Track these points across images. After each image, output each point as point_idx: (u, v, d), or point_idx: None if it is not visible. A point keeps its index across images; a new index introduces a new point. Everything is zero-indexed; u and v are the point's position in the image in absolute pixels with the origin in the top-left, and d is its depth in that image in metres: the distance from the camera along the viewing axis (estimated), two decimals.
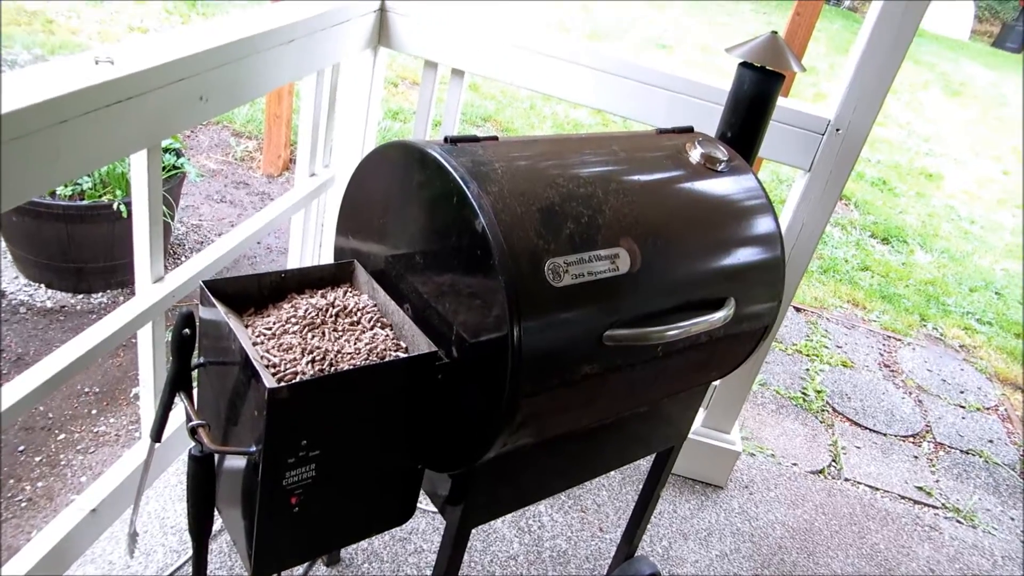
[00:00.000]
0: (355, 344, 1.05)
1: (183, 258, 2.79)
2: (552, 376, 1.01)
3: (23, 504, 1.80)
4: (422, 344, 1.05)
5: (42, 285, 2.44)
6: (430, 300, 1.08)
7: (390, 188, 1.14)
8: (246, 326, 1.06)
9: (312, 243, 2.11)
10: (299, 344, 1.01)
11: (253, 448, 0.94)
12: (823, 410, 2.65)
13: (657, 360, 1.13)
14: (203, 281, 1.03)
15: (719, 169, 1.26)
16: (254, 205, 3.33)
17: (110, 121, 1.15)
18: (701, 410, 2.06)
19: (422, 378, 1.03)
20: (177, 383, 1.00)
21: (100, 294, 2.48)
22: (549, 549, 1.81)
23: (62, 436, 2.00)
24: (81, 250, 2.38)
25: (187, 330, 0.96)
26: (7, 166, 0.99)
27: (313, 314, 1.07)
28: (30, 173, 1.04)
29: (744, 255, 1.23)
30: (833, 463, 2.39)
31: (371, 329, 1.09)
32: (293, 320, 1.05)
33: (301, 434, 0.95)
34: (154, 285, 1.33)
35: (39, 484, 1.85)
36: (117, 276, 2.49)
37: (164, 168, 2.54)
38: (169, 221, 2.52)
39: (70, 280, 2.43)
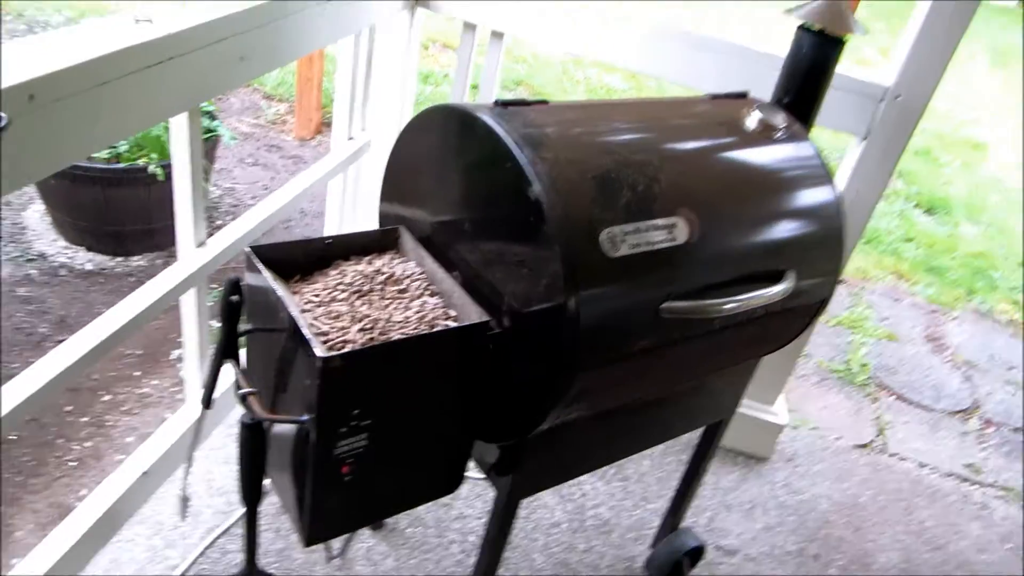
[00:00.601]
0: (404, 312, 1.03)
1: (218, 221, 2.79)
2: (608, 349, 0.98)
3: (72, 464, 1.82)
4: (472, 313, 1.02)
5: (82, 248, 2.45)
6: (479, 268, 1.05)
7: (437, 153, 1.11)
8: (293, 293, 1.04)
9: (350, 207, 2.09)
10: (348, 312, 0.99)
11: (305, 417, 0.93)
12: (867, 383, 2.59)
13: (713, 334, 1.10)
14: (250, 247, 1.01)
15: (777, 137, 1.21)
16: (287, 168, 3.32)
17: (151, 83, 1.13)
18: None
19: (473, 348, 1.00)
20: (226, 350, 0.99)
21: (139, 257, 2.49)
22: (592, 518, 1.80)
23: (107, 397, 2.02)
24: (118, 213, 2.38)
25: (235, 296, 0.95)
26: (47, 130, 0.98)
27: (361, 281, 1.05)
28: (71, 137, 1.03)
29: (803, 227, 1.18)
30: (878, 437, 2.35)
31: (419, 297, 1.06)
32: (341, 287, 1.03)
33: (353, 404, 0.93)
34: (197, 250, 1.31)
35: (87, 444, 1.87)
36: (155, 239, 2.49)
37: None
38: (205, 185, 2.51)
39: (108, 243, 2.44)
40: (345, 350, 0.91)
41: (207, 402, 1.02)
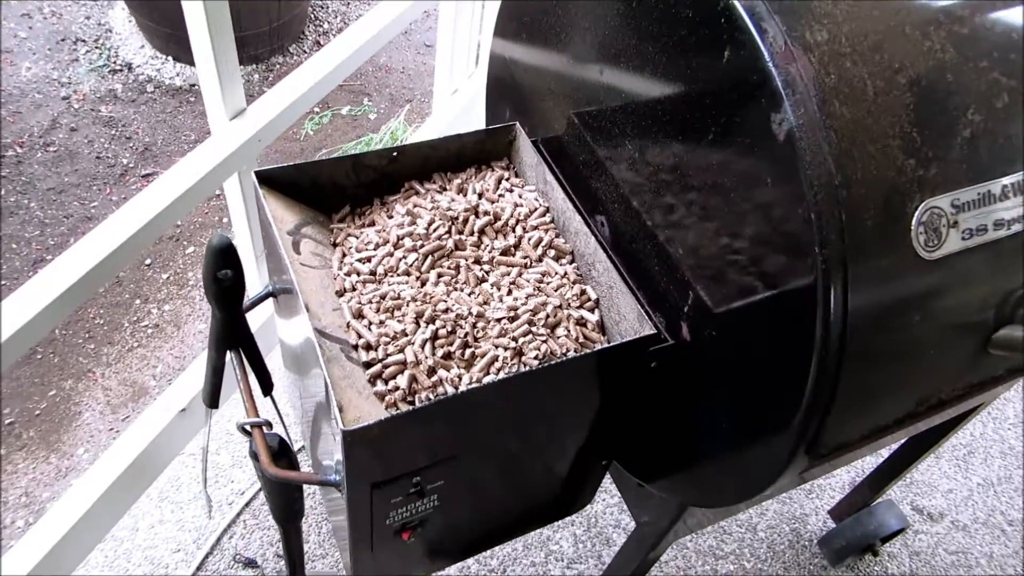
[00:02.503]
0: (509, 295, 0.60)
1: (325, 24, 2.34)
2: (880, 414, 0.53)
3: (149, 330, 1.60)
4: (627, 309, 0.58)
5: (169, 58, 2.11)
6: (646, 220, 0.59)
7: None
8: (334, 244, 0.64)
9: (468, 32, 1.58)
10: (415, 299, 0.58)
11: (334, 478, 0.56)
12: None
13: None
14: (255, 172, 0.60)
15: None
16: None
17: None
18: None
19: (623, 370, 0.58)
20: (226, 340, 0.62)
21: None
22: None
23: (191, 249, 1.75)
24: None
25: (226, 271, 0.55)
26: None
27: (443, 230, 0.62)
28: None
29: None
30: None
31: (538, 262, 0.63)
32: (408, 243, 0.61)
33: (408, 471, 0.55)
34: (232, 123, 0.91)
35: (166, 307, 1.64)
36: (247, 50, 2.10)
37: None
38: None
39: None
40: (384, 411, 0.51)
41: (212, 401, 0.67)
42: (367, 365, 0.55)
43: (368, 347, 0.55)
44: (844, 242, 0.43)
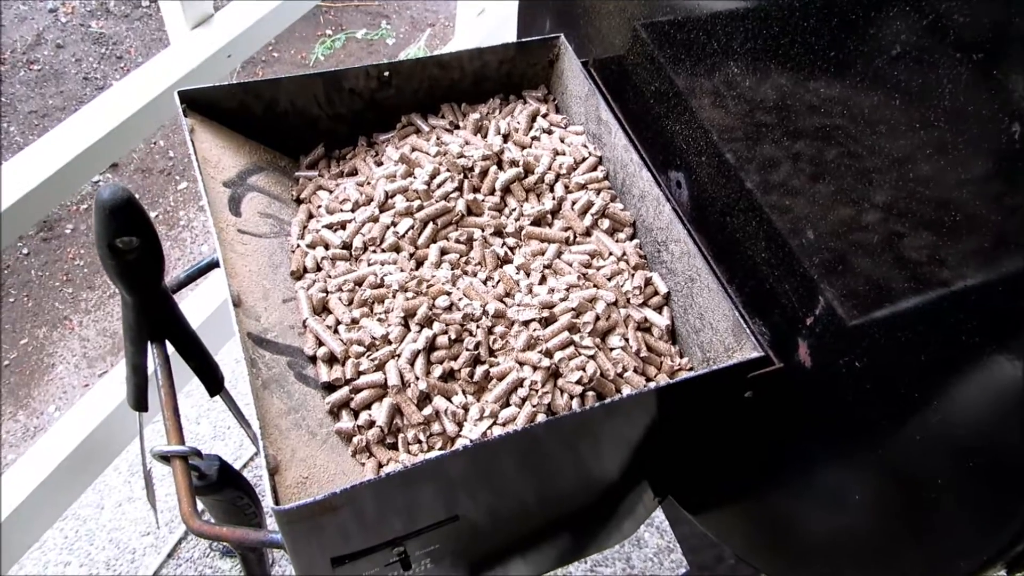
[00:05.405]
0: (542, 284, 0.42)
1: None
2: None
3: None
4: (715, 312, 0.40)
5: None
6: (747, 181, 0.40)
7: None
8: (298, 200, 0.45)
9: None
10: (403, 290, 0.39)
11: (275, 536, 0.39)
12: None
13: None
14: (178, 92, 0.41)
15: None
16: None
17: None
18: None
19: (705, 401, 0.40)
20: (143, 331, 0.44)
21: None
22: None
23: (183, 185, 1.58)
24: None
25: (128, 238, 0.38)
26: None
27: (450, 186, 0.43)
28: None
29: None
30: None
31: (586, 237, 0.44)
32: (401, 203, 0.43)
33: (385, 542, 0.38)
34: (195, 32, 0.72)
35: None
36: None
37: None
38: None
39: None
40: (351, 463, 0.33)
41: (138, 404, 0.50)
42: (329, 388, 0.37)
43: (332, 360, 0.37)
44: None
